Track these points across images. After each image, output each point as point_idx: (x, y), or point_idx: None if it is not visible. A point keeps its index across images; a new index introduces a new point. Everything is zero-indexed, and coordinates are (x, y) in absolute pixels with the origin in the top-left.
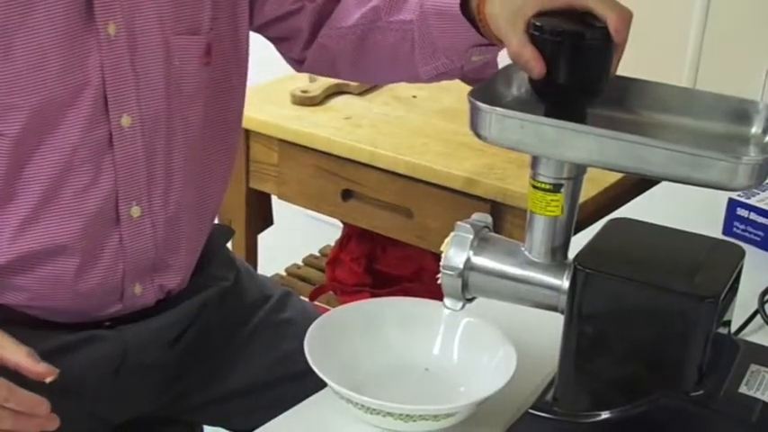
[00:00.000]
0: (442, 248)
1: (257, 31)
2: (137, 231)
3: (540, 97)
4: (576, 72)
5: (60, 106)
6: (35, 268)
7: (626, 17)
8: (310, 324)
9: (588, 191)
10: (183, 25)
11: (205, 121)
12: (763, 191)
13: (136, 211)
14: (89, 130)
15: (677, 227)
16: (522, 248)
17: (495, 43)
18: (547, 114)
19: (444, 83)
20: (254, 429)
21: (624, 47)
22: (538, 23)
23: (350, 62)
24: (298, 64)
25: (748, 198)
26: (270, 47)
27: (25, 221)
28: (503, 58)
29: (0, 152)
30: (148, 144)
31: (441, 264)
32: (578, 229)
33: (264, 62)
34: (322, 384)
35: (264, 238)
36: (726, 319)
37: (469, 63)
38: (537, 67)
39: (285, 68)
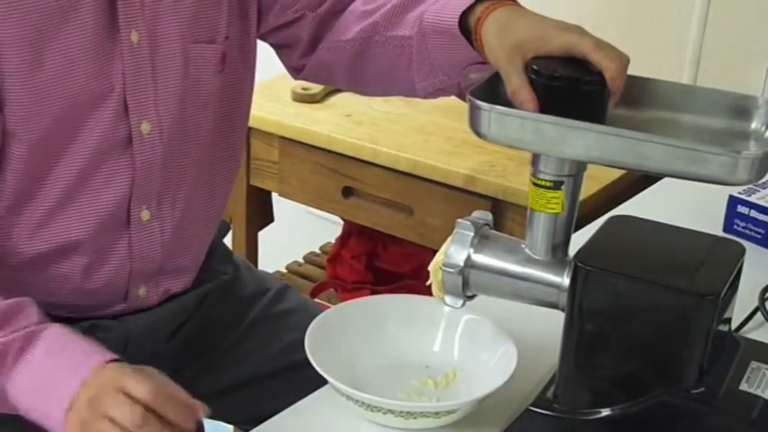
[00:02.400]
0: (430, 268)
1: (260, 38)
2: (145, 235)
3: None
4: (571, 116)
5: (83, 113)
6: (46, 267)
7: (622, 66)
8: (309, 315)
9: (589, 188)
10: (201, 34)
11: (215, 127)
12: (764, 188)
13: (145, 214)
14: (108, 136)
15: (678, 224)
16: (523, 246)
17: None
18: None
19: None
20: (255, 421)
21: (619, 94)
22: (535, 67)
23: (347, 75)
24: (296, 72)
25: (749, 195)
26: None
27: (41, 223)
28: None
29: (20, 156)
30: (166, 150)
31: (429, 267)
32: (579, 226)
33: (265, 60)
34: (323, 378)
35: (265, 236)
36: (726, 316)
37: (466, 80)
38: (532, 108)
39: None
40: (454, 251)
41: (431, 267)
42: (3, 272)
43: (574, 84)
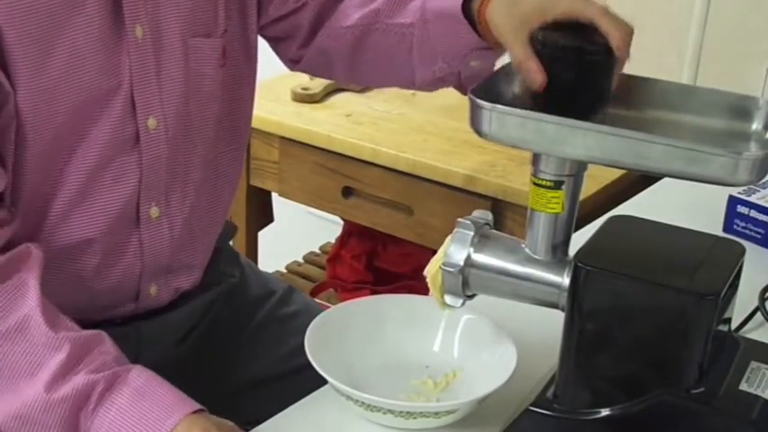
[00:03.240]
0: (427, 273)
1: (258, 31)
2: (155, 232)
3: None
4: (577, 86)
5: (92, 110)
6: (58, 267)
7: (628, 34)
8: (314, 318)
9: (589, 188)
10: (199, 28)
11: (219, 122)
12: (764, 188)
13: (155, 211)
14: (117, 133)
15: (678, 224)
16: (523, 245)
17: (494, 48)
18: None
19: None
20: (259, 423)
21: (624, 62)
22: (540, 37)
23: (346, 64)
24: (293, 63)
25: (749, 195)
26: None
27: (54, 223)
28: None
29: (32, 158)
30: (172, 146)
31: (425, 271)
32: (579, 226)
33: (265, 60)
34: (324, 379)
35: (265, 236)
36: (726, 316)
37: (467, 69)
38: (538, 79)
39: (285, 66)
40: (454, 250)
41: (427, 272)
42: None
43: (579, 53)
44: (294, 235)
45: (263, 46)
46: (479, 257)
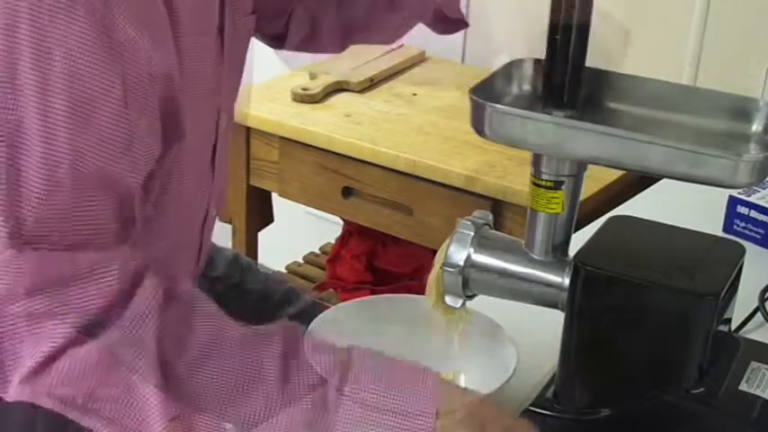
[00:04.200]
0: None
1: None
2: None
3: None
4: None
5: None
6: None
7: None
8: (314, 319)
9: (589, 188)
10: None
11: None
12: (764, 188)
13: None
14: None
15: (677, 224)
16: (523, 246)
17: None
18: (546, 105)
19: (443, 81)
20: None
21: None
22: None
23: (331, 19)
24: (278, 41)
25: (749, 196)
26: None
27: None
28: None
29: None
30: None
31: (427, 280)
32: (579, 226)
33: (265, 60)
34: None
35: (265, 236)
36: (726, 316)
37: None
38: None
39: (285, 66)
40: (454, 251)
41: (429, 284)
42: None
43: None
44: (294, 235)
45: (260, 45)
46: (479, 258)
